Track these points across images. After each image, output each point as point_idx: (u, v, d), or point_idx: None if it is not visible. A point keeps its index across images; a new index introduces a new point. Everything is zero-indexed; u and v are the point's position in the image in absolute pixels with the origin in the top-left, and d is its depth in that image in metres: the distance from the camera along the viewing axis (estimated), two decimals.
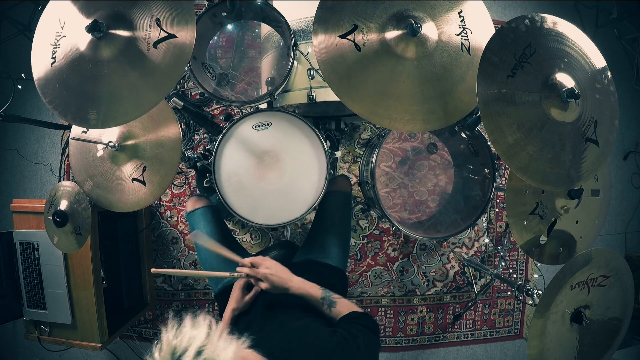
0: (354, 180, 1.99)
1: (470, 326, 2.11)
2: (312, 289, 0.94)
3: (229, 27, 1.37)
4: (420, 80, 0.94)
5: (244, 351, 0.62)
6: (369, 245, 2.03)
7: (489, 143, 1.31)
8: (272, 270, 0.96)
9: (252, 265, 0.99)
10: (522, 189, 1.15)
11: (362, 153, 1.99)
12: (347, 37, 0.92)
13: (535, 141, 0.87)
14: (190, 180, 2.00)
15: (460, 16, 0.97)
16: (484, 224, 2.10)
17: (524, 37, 0.87)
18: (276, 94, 1.17)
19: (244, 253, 1.20)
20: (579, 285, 1.07)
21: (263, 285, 0.96)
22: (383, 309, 2.05)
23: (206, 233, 1.24)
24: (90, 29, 0.86)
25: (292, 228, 2.00)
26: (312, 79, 1.18)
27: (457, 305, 2.10)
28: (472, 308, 2.09)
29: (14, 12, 1.96)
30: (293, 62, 1.14)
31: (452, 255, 2.08)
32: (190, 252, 1.99)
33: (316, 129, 1.14)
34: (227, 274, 1.00)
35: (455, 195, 1.57)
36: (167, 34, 0.88)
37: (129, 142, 1.15)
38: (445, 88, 0.95)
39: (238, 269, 1.00)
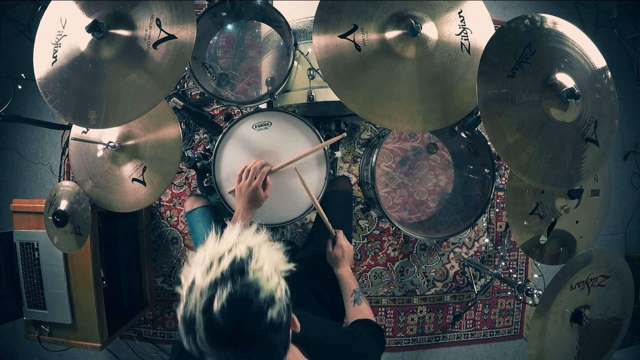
0: (354, 180, 1.99)
1: (470, 326, 2.11)
2: (353, 281, 1.07)
3: (229, 27, 1.37)
4: (420, 80, 0.94)
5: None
6: (369, 245, 2.03)
7: (489, 143, 1.31)
8: (346, 245, 1.11)
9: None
10: (522, 189, 1.15)
11: (362, 153, 1.99)
12: (347, 37, 0.92)
13: (535, 141, 0.87)
14: (190, 180, 2.00)
15: (460, 16, 0.97)
16: (484, 224, 2.10)
17: (524, 37, 0.87)
18: (276, 94, 1.17)
19: None
20: (579, 285, 1.07)
21: (333, 249, 1.10)
22: (383, 309, 2.05)
23: (205, 233, 1.24)
24: (90, 29, 0.86)
25: (292, 228, 2.00)
26: (312, 79, 1.18)
27: (457, 305, 2.10)
28: (472, 308, 2.09)
29: (14, 12, 1.96)
30: (293, 62, 1.14)
31: (452, 255, 2.08)
32: (191, 252, 1.98)
33: (316, 129, 1.14)
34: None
35: (455, 195, 1.57)
36: (167, 35, 0.88)
37: (129, 142, 1.15)
38: (445, 88, 0.95)
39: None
